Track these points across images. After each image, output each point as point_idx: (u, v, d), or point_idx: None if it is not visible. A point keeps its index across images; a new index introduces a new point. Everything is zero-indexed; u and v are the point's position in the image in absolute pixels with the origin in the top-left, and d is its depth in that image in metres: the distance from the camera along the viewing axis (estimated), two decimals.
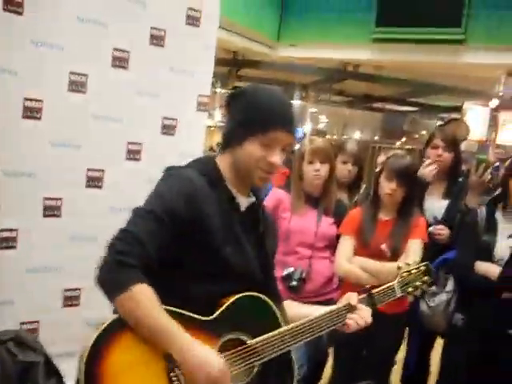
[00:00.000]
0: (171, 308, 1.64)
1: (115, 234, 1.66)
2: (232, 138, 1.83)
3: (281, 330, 1.81)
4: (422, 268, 2.24)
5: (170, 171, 1.82)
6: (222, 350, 1.72)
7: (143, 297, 1.58)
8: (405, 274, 2.18)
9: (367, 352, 3.11)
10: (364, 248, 3.18)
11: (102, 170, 3.02)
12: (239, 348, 1.74)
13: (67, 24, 2.77)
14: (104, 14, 2.90)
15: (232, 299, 1.77)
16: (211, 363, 1.61)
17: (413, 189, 3.20)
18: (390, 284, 2.12)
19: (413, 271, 2.20)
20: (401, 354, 3.59)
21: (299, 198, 3.34)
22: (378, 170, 3.62)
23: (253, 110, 1.79)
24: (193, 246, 1.73)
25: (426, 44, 8.49)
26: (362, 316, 1.94)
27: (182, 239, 1.70)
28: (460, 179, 3.68)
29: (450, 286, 3.26)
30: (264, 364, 1.78)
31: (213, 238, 1.75)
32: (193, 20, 3.28)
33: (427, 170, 3.49)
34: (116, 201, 2.97)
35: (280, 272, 3.24)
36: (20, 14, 2.60)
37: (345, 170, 3.78)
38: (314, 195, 3.36)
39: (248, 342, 1.75)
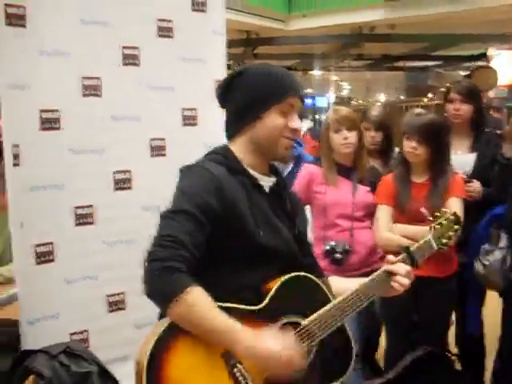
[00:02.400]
0: (220, 304, 1.62)
1: (152, 241, 1.62)
2: (245, 117, 1.84)
3: (329, 305, 1.81)
4: (451, 217, 2.25)
5: (187, 169, 1.81)
6: None
7: (197, 300, 1.56)
8: (437, 227, 2.18)
9: (420, 318, 3.04)
10: (402, 214, 3.10)
11: (129, 171, 2.98)
12: (295, 331, 1.74)
13: (71, 29, 2.73)
14: (107, 12, 2.85)
15: (278, 283, 1.76)
16: (276, 350, 1.59)
17: (438, 146, 3.07)
18: (425, 239, 2.11)
19: (443, 222, 2.21)
20: (454, 316, 3.51)
21: (331, 170, 3.28)
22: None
23: (265, 82, 1.83)
24: (229, 237, 1.72)
25: None
26: (403, 274, 1.91)
27: (217, 232, 1.69)
28: (487, 129, 3.55)
29: (504, 242, 3.14)
30: (322, 342, 1.78)
31: (246, 224, 1.74)
32: (199, 6, 3.21)
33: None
34: (147, 200, 2.93)
35: (322, 247, 3.20)
36: (23, 26, 2.57)
37: (368, 136, 3.70)
38: (346, 165, 3.30)
39: (302, 323, 1.75)
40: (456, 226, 2.24)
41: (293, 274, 1.80)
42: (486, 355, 3.64)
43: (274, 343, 1.59)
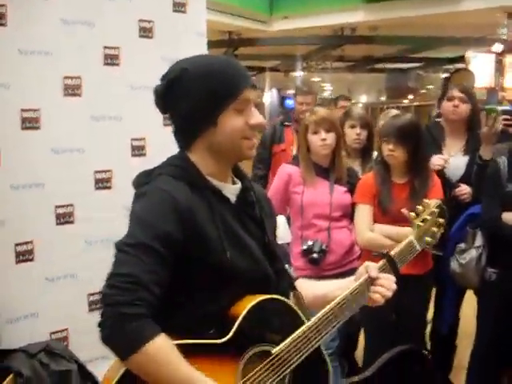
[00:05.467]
0: (183, 342, 1.47)
1: (108, 278, 1.43)
2: (196, 123, 1.60)
3: (302, 328, 1.63)
4: (435, 210, 2.02)
5: (141, 190, 1.60)
6: (248, 368, 1.56)
7: (160, 354, 1.39)
8: (420, 224, 1.99)
9: (397, 317, 3.08)
10: (384, 215, 3.12)
11: (110, 171, 3.00)
12: (265, 362, 1.58)
13: (52, 28, 2.75)
14: (89, 12, 2.87)
15: (244, 311, 1.57)
16: None
17: (416, 146, 3.10)
18: (407, 240, 1.93)
19: (427, 217, 2.00)
20: (429, 315, 3.56)
21: (309, 170, 3.31)
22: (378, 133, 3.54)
23: (213, 80, 1.58)
24: (192, 263, 1.54)
25: None
26: (387, 287, 1.73)
27: (179, 261, 1.51)
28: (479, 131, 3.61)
29: (479, 241, 3.20)
30: (296, 367, 1.62)
31: (212, 247, 1.56)
32: (179, 7, 3.24)
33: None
34: (128, 199, 2.93)
35: (300, 246, 3.23)
36: (3, 25, 2.58)
37: (353, 133, 3.74)
38: (323, 166, 3.32)
39: (273, 351, 1.58)
40: (441, 220, 2.03)
41: (259, 299, 1.61)
42: (458, 352, 3.71)
43: None
